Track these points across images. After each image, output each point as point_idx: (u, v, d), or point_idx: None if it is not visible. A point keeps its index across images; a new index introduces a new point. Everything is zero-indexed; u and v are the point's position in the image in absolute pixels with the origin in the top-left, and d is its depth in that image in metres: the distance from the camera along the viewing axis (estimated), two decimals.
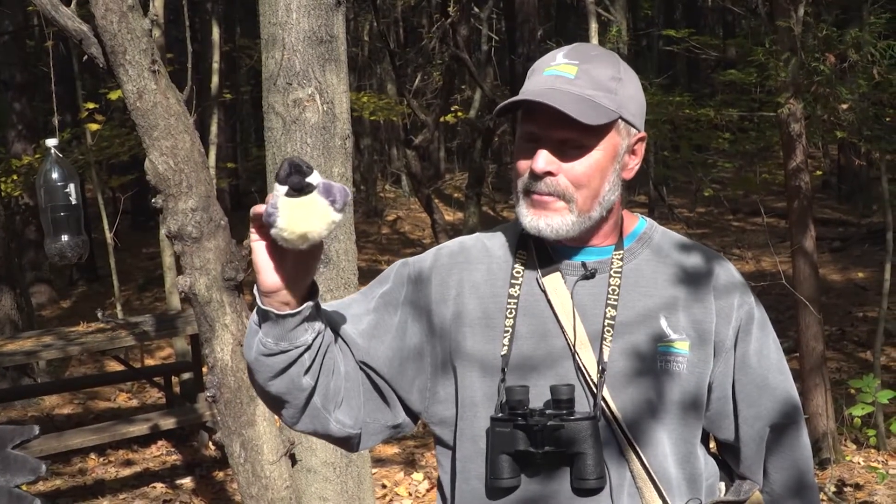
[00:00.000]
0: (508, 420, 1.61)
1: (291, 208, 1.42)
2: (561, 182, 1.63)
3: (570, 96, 1.61)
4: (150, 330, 6.95)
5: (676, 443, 1.67)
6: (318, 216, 1.43)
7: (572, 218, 1.65)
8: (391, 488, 6.19)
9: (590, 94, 1.63)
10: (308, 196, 1.43)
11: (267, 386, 1.61)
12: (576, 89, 1.63)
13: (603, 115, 1.62)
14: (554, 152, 1.63)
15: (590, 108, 1.61)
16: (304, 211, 1.42)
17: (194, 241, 3.00)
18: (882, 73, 6.07)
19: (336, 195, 1.44)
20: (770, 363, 1.73)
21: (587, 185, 1.64)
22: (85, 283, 14.13)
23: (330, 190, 1.44)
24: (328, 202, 1.43)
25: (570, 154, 1.63)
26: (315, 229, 1.43)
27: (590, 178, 1.64)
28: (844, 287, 11.47)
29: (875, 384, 5.39)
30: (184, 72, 3.35)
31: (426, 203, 10.21)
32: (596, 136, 1.64)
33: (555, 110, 1.58)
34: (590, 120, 1.60)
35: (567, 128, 1.61)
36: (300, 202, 1.42)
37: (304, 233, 1.43)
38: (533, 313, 1.68)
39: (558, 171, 1.63)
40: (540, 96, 1.61)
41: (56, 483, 6.68)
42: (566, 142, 1.63)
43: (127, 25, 2.83)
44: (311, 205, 1.43)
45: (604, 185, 1.66)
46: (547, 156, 1.63)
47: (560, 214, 1.64)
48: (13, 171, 9.43)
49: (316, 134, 3.51)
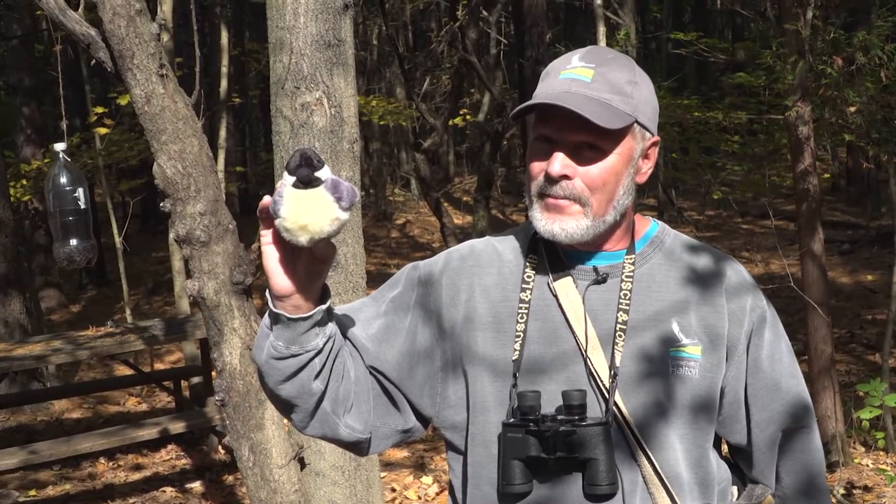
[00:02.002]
0: (520, 426, 1.60)
1: (296, 199, 1.42)
2: (577, 185, 1.62)
3: (586, 99, 1.60)
4: (159, 334, 6.96)
5: (688, 447, 1.66)
6: (322, 211, 1.42)
7: (587, 222, 1.64)
8: (400, 492, 6.19)
9: (606, 97, 1.62)
10: (314, 189, 1.42)
11: (277, 389, 1.61)
12: (592, 93, 1.61)
13: (619, 118, 1.61)
14: (569, 156, 1.62)
15: (606, 111, 1.60)
16: (308, 204, 1.42)
17: (203, 245, 3.00)
18: (890, 76, 6.07)
19: (343, 193, 1.43)
20: (782, 367, 1.72)
21: (602, 189, 1.63)
22: (94, 288, 14.17)
23: (338, 187, 1.43)
24: (334, 198, 1.42)
25: (585, 157, 1.62)
26: (317, 223, 1.42)
27: (605, 182, 1.63)
28: (853, 290, 11.45)
29: (883, 387, 5.38)
30: (192, 76, 3.36)
31: (435, 207, 10.22)
32: (612, 140, 1.63)
33: (572, 113, 1.57)
34: (607, 123, 1.58)
35: (583, 131, 1.60)
36: (305, 194, 1.42)
37: (304, 224, 1.42)
38: (544, 318, 1.68)
39: (574, 175, 1.62)
40: (557, 99, 1.60)
41: (66, 488, 6.69)
42: (582, 145, 1.62)
43: (135, 30, 2.84)
44: (315, 198, 1.42)
45: (619, 189, 1.65)
46: (563, 159, 1.62)
47: (575, 218, 1.63)
48: (22, 175, 9.46)
49: (324, 138, 3.52)
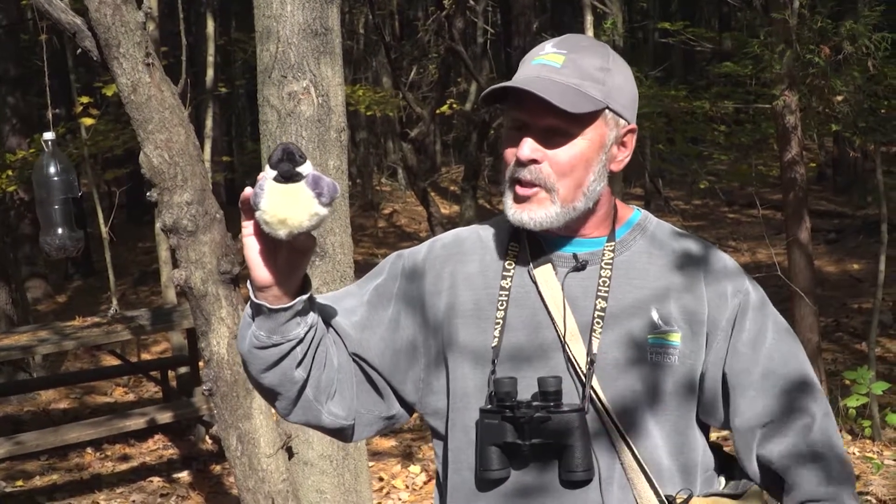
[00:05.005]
0: (496, 412, 1.61)
1: (276, 193, 1.44)
2: (544, 170, 1.63)
3: (554, 84, 1.61)
4: (146, 324, 6.95)
5: (669, 434, 1.66)
6: (301, 206, 1.44)
7: (555, 209, 1.64)
8: (388, 481, 6.19)
9: (575, 83, 1.62)
10: (294, 184, 1.44)
11: (260, 378, 1.64)
12: (560, 78, 1.63)
13: (588, 103, 1.62)
14: (539, 140, 1.63)
15: (574, 96, 1.61)
16: (288, 198, 1.44)
17: (190, 235, 2.99)
18: (877, 66, 6.08)
19: (324, 189, 1.45)
20: (765, 350, 1.68)
21: (571, 175, 1.63)
22: (80, 278, 14.11)
23: (318, 182, 1.45)
24: (314, 194, 1.44)
25: (554, 142, 1.63)
26: (295, 218, 1.44)
27: (573, 167, 1.63)
28: (839, 279, 11.49)
29: (870, 375, 5.41)
30: (178, 65, 3.35)
31: (422, 196, 10.22)
32: (581, 125, 1.63)
33: (539, 98, 1.58)
34: (573, 108, 1.59)
35: (551, 116, 1.60)
36: (285, 189, 1.44)
37: (283, 218, 1.44)
38: (524, 305, 1.68)
39: (543, 159, 1.63)
40: (524, 84, 1.61)
41: (53, 478, 6.68)
42: (551, 130, 1.63)
43: (121, 18, 2.83)
44: (295, 193, 1.44)
45: (588, 176, 1.65)
46: (532, 143, 1.63)
47: (542, 206, 1.64)
48: (8, 165, 9.40)
49: (311, 127, 3.51)
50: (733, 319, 1.68)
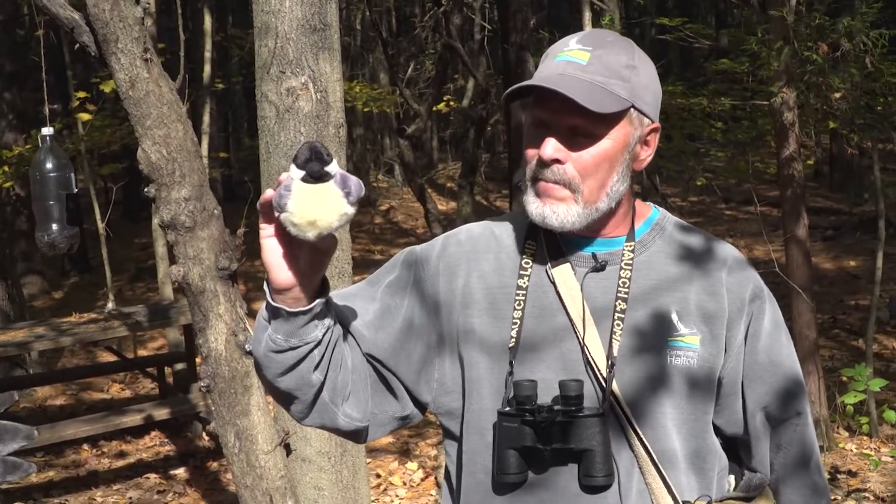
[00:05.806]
0: (516, 415, 1.57)
1: (305, 194, 1.40)
2: (568, 171, 1.59)
3: (580, 83, 1.57)
4: (142, 320, 6.94)
5: (686, 437, 1.64)
6: (331, 206, 1.40)
7: (578, 209, 1.60)
8: (385, 478, 6.20)
9: (601, 81, 1.58)
10: (324, 184, 1.40)
11: (276, 382, 1.59)
12: (587, 76, 1.58)
13: (614, 103, 1.58)
14: (563, 140, 1.59)
15: (600, 95, 1.56)
16: (318, 199, 1.40)
17: (187, 231, 2.98)
18: (874, 62, 6.08)
19: (351, 187, 1.41)
20: (780, 350, 1.70)
21: (594, 175, 1.60)
22: (77, 274, 14.08)
23: (346, 181, 1.41)
24: (343, 193, 1.41)
25: (579, 142, 1.59)
26: (325, 218, 1.40)
27: (598, 167, 1.59)
28: (837, 275, 11.50)
29: (867, 372, 5.41)
30: (176, 61, 3.34)
31: (419, 193, 10.19)
32: (606, 125, 1.59)
33: (563, 97, 1.54)
34: (599, 108, 1.55)
35: (575, 115, 1.56)
36: (315, 189, 1.40)
37: (313, 220, 1.40)
38: (542, 305, 1.65)
39: (566, 160, 1.59)
40: (549, 82, 1.56)
41: (49, 475, 6.67)
42: (575, 129, 1.58)
43: (119, 13, 2.82)
44: (325, 193, 1.40)
45: (612, 176, 1.61)
46: (555, 143, 1.58)
47: (566, 203, 1.60)
48: (4, 161, 9.38)
49: (309, 123, 3.50)
50: (749, 322, 1.67)
